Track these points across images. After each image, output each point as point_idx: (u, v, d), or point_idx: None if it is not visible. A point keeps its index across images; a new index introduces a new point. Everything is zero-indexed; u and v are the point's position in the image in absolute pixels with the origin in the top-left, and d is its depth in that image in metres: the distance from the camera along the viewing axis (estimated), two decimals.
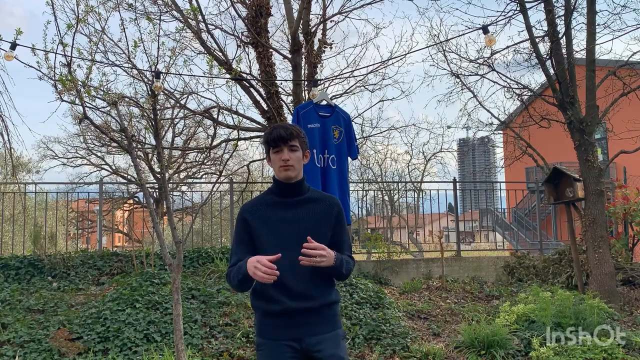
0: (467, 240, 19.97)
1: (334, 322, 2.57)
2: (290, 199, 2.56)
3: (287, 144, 2.51)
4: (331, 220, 2.58)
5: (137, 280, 6.70)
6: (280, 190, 2.57)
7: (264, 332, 2.52)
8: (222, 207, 13.89)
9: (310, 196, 2.60)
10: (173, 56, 4.84)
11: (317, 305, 2.49)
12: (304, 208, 2.55)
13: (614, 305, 6.76)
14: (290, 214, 2.53)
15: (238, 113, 8.46)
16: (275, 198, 2.58)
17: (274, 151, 2.53)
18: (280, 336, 2.47)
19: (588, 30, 7.58)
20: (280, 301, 2.45)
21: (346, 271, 2.53)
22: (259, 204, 2.59)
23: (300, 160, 2.55)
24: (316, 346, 2.47)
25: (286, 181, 2.54)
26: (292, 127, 2.58)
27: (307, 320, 2.48)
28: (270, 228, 2.51)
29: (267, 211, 2.54)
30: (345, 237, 2.63)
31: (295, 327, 2.46)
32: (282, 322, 2.47)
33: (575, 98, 7.57)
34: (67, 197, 12.86)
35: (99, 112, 4.85)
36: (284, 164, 2.50)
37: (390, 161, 22.42)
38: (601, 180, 7.47)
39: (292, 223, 2.51)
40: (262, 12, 8.38)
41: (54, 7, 4.52)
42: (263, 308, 2.52)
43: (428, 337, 6.14)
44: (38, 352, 5.14)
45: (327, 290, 2.56)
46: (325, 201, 2.62)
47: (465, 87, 9.70)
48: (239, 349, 5.44)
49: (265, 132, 2.62)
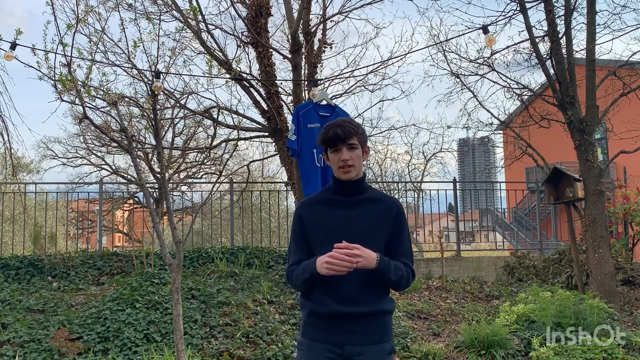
0: (467, 240, 19.96)
1: (382, 333, 2.39)
2: (348, 198, 2.45)
3: (345, 143, 2.39)
4: (389, 223, 2.43)
5: (137, 280, 6.70)
6: (338, 188, 2.46)
7: (307, 331, 2.42)
8: (222, 207, 13.88)
9: (369, 196, 2.48)
10: (173, 56, 4.85)
11: (364, 312, 2.34)
12: (360, 208, 2.43)
13: (614, 305, 6.76)
14: (346, 213, 2.42)
15: (238, 113, 8.45)
16: (332, 196, 2.48)
17: (331, 151, 2.43)
18: (321, 338, 2.36)
19: (588, 30, 7.58)
20: (326, 303, 2.34)
21: (396, 277, 2.34)
22: (316, 201, 2.51)
23: (360, 158, 2.44)
24: (358, 356, 2.33)
25: (346, 180, 2.43)
26: (349, 124, 2.45)
27: (351, 327, 2.34)
28: (324, 227, 2.40)
29: (323, 209, 2.45)
30: (403, 241, 2.47)
31: (338, 333, 2.34)
32: (326, 324, 2.36)
33: (575, 98, 7.57)
34: (67, 197, 12.88)
35: (99, 112, 4.85)
36: (343, 165, 2.39)
37: (390, 161, 22.38)
38: (601, 180, 7.47)
39: (347, 223, 2.40)
40: (262, 12, 8.37)
41: (53, 7, 4.53)
42: (309, 308, 2.41)
43: (428, 337, 6.14)
44: (38, 352, 5.14)
45: (378, 297, 2.39)
46: (384, 202, 2.48)
47: (465, 87, 9.72)
48: (239, 349, 5.44)
49: (322, 131, 2.50)
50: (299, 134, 5.12)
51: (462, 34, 9.55)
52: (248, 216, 12.89)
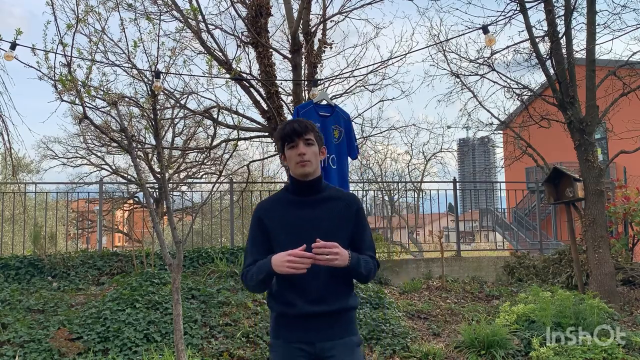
0: (467, 240, 19.96)
1: (349, 328, 2.47)
2: (308, 198, 2.46)
3: (302, 138, 2.40)
4: (351, 219, 2.47)
5: (137, 280, 6.70)
6: (297, 188, 2.46)
7: (279, 333, 2.46)
8: (222, 207, 13.88)
9: (329, 194, 2.49)
10: (173, 56, 4.85)
11: (333, 309, 2.41)
12: (322, 207, 2.45)
13: (614, 305, 6.76)
14: (308, 213, 2.43)
15: (238, 113, 8.45)
16: (291, 196, 2.48)
17: (288, 147, 2.42)
18: (294, 338, 2.41)
19: (588, 30, 7.58)
20: (296, 304, 2.38)
21: (366, 271, 2.41)
22: (275, 202, 2.50)
23: (316, 155, 2.44)
24: (329, 352, 2.39)
25: (303, 178, 2.42)
26: (306, 122, 2.48)
27: (322, 325, 2.40)
28: (287, 228, 2.41)
29: (284, 210, 2.45)
30: (366, 236, 2.52)
31: (309, 331, 2.40)
32: (297, 324, 2.41)
33: (575, 98, 7.57)
34: (67, 197, 12.88)
35: (99, 112, 4.85)
36: (300, 159, 2.38)
37: (390, 161, 22.39)
38: (601, 180, 7.47)
39: (310, 223, 2.41)
40: (262, 12, 8.37)
41: (53, 7, 4.53)
42: (279, 310, 2.45)
43: (428, 337, 6.14)
44: (38, 352, 5.14)
45: (345, 294, 2.47)
46: (344, 199, 2.51)
47: (465, 87, 9.71)
48: (239, 349, 5.44)
49: (279, 128, 2.50)
50: None
51: (462, 34, 9.56)
52: (248, 216, 12.88)
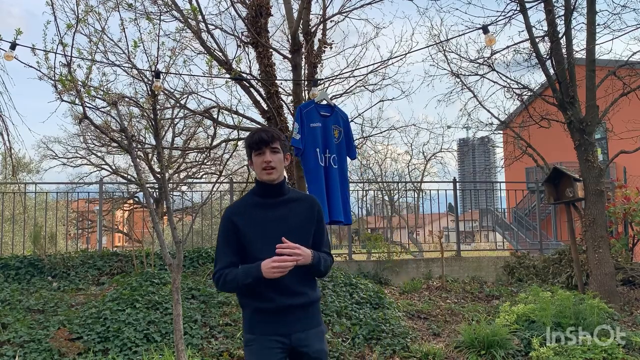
0: (467, 241, 19.95)
1: (318, 318, 2.71)
2: (274, 199, 2.66)
3: (268, 146, 2.60)
4: (313, 219, 2.70)
5: (137, 280, 6.70)
6: (263, 191, 2.67)
7: (254, 328, 2.60)
8: (222, 207, 13.88)
9: (292, 196, 2.71)
10: (173, 56, 4.85)
11: (305, 301, 2.62)
12: (287, 208, 2.66)
13: (614, 305, 6.76)
14: (276, 213, 2.64)
15: (238, 113, 8.45)
16: (259, 199, 2.67)
17: (255, 154, 2.62)
18: (270, 332, 2.57)
19: (588, 30, 7.58)
20: (271, 299, 2.54)
21: (324, 268, 2.66)
22: (244, 205, 2.68)
23: (281, 161, 2.65)
24: (304, 341, 2.59)
25: (269, 182, 2.63)
26: (273, 131, 2.68)
27: (295, 317, 2.59)
28: (258, 228, 2.59)
29: (253, 212, 2.63)
30: (324, 235, 2.76)
31: (284, 323, 2.57)
32: (273, 318, 2.57)
33: (575, 98, 7.57)
34: (67, 197, 12.86)
35: (99, 112, 4.85)
36: (266, 166, 2.59)
37: (390, 161, 22.44)
38: (601, 180, 7.47)
39: (279, 222, 2.62)
40: (262, 12, 8.37)
41: (53, 7, 4.52)
42: (254, 305, 2.59)
43: (428, 337, 6.14)
44: (38, 352, 5.14)
45: (313, 287, 2.68)
46: (306, 201, 2.74)
47: (465, 87, 9.71)
48: (239, 349, 5.44)
49: (247, 136, 2.71)
50: (303, 133, 5.11)
51: (462, 34, 9.56)
52: None
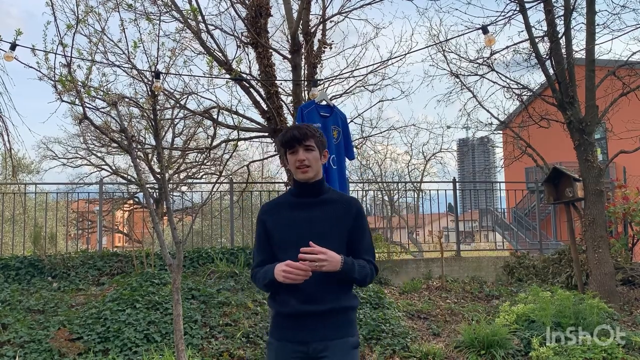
0: (466, 241, 19.96)
1: (345, 328, 2.47)
2: (308, 199, 2.54)
3: (301, 144, 2.48)
4: (349, 222, 2.50)
5: (137, 281, 6.70)
6: (298, 190, 2.56)
7: (274, 332, 2.52)
8: (222, 207, 13.89)
9: (328, 197, 2.56)
10: (173, 56, 4.86)
11: (327, 309, 2.42)
12: (320, 209, 2.51)
13: (614, 305, 6.76)
14: (306, 214, 2.50)
15: (238, 113, 8.46)
16: (293, 198, 2.57)
17: (289, 152, 2.51)
18: (288, 337, 2.45)
19: (587, 30, 7.58)
20: (289, 304, 2.43)
21: (360, 276, 2.43)
22: (278, 204, 2.61)
23: (317, 159, 2.52)
24: (323, 352, 2.40)
25: (305, 181, 2.52)
26: (306, 127, 2.55)
27: (315, 324, 2.42)
28: (285, 229, 2.49)
29: (284, 212, 2.54)
30: (364, 239, 2.54)
31: (303, 330, 2.42)
32: (291, 324, 2.44)
33: (575, 98, 7.57)
34: (67, 198, 12.87)
35: (99, 112, 4.86)
36: (300, 165, 2.48)
37: (390, 161, 22.41)
38: (601, 180, 7.47)
39: (308, 224, 2.47)
40: (262, 13, 8.37)
41: (53, 7, 4.53)
42: (275, 309, 2.51)
43: (428, 337, 6.15)
44: (38, 353, 5.14)
45: (341, 294, 2.47)
46: (343, 202, 2.56)
47: (464, 87, 9.71)
48: (239, 349, 5.45)
49: (280, 134, 2.60)
50: None
51: (461, 34, 9.54)
52: (248, 216, 12.87)
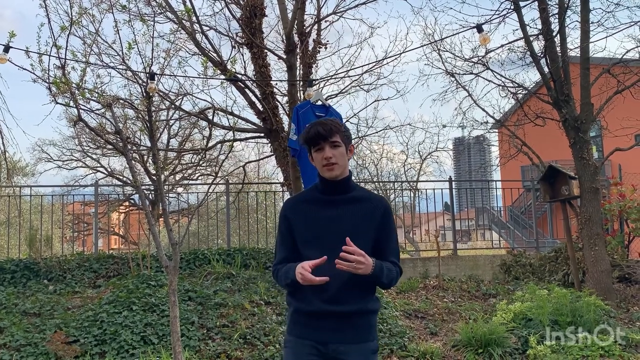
0: (463, 239, 19.98)
1: (366, 332, 2.41)
2: (334, 197, 2.44)
3: (327, 141, 2.37)
4: (375, 221, 2.43)
5: (133, 283, 6.68)
6: (324, 187, 2.45)
7: (292, 329, 2.44)
8: (218, 208, 13.85)
9: (356, 195, 2.47)
10: (167, 57, 4.85)
11: (349, 311, 2.35)
12: (347, 207, 2.42)
13: (611, 302, 6.78)
14: (333, 212, 2.41)
15: (233, 114, 8.44)
16: (318, 195, 2.46)
17: (315, 150, 2.40)
18: (306, 335, 2.38)
19: (582, 28, 7.59)
20: (312, 302, 2.35)
21: (387, 280, 2.36)
22: (302, 200, 2.51)
23: (344, 155, 2.42)
24: (341, 355, 2.35)
25: (331, 179, 2.41)
26: (331, 123, 2.44)
27: (336, 326, 2.36)
28: (311, 226, 2.40)
29: (309, 208, 2.44)
30: (391, 240, 2.48)
31: (322, 330, 2.36)
32: (311, 322, 2.37)
33: (570, 96, 7.59)
34: (62, 200, 12.81)
35: (94, 114, 4.84)
36: (326, 163, 2.37)
37: (386, 161, 22.36)
38: (596, 177, 7.49)
39: (334, 222, 2.39)
40: (257, 13, 8.35)
41: (47, 9, 4.51)
42: (295, 306, 2.43)
43: (425, 336, 6.15)
44: (35, 356, 5.12)
45: (364, 297, 2.40)
46: (371, 201, 2.47)
47: (460, 86, 9.73)
48: (236, 350, 5.43)
49: (304, 130, 2.48)
50: (299, 133, 5.12)
51: (456, 33, 9.59)
52: (244, 217, 12.88)
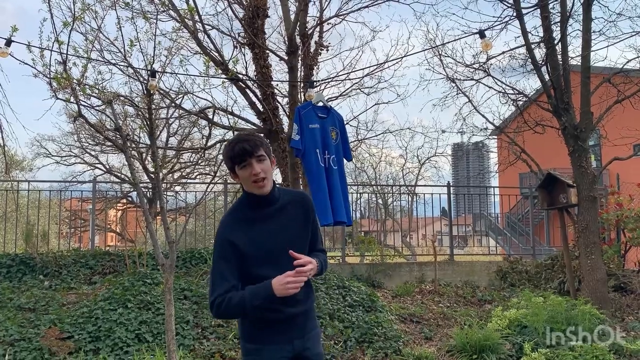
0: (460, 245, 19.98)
1: (315, 321, 2.65)
2: (268, 210, 2.45)
3: (253, 156, 2.32)
4: (308, 220, 2.55)
5: (129, 280, 6.67)
6: (255, 203, 2.44)
7: (259, 338, 2.46)
8: (216, 208, 13.84)
9: (283, 201, 2.49)
10: (169, 56, 4.85)
11: (307, 308, 2.55)
12: (282, 216, 2.46)
13: (606, 311, 6.77)
14: (274, 225, 2.44)
15: (233, 114, 8.45)
16: (250, 212, 2.44)
17: (240, 167, 2.35)
18: (277, 341, 2.46)
19: (583, 37, 7.61)
20: (279, 310, 2.40)
21: (324, 270, 2.61)
22: (238, 222, 2.44)
23: (270, 169, 2.40)
24: (305, 344, 2.51)
25: (262, 195, 2.41)
26: (254, 137, 2.43)
27: (299, 323, 2.51)
28: (259, 244, 2.40)
29: (250, 228, 2.41)
30: (318, 231, 2.66)
31: (289, 331, 2.48)
32: (279, 327, 2.45)
33: (570, 104, 7.59)
34: (60, 196, 12.79)
35: (94, 110, 4.84)
36: (256, 179, 2.34)
37: (384, 164, 22.40)
38: (594, 186, 7.49)
39: (278, 234, 2.43)
40: (259, 14, 8.36)
41: (50, 4, 4.51)
42: (264, 318, 2.42)
43: (420, 340, 6.15)
44: (28, 351, 5.11)
45: (310, 292, 2.61)
46: (297, 201, 2.54)
47: (460, 91, 9.72)
48: (231, 350, 5.43)
49: (227, 147, 2.41)
50: (302, 134, 5.11)
51: (458, 39, 9.61)
52: None
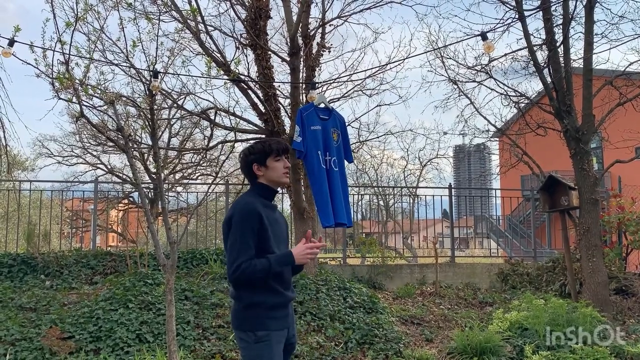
0: (461, 247, 19.96)
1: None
2: (272, 202, 2.94)
3: (287, 153, 2.91)
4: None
5: (130, 280, 6.67)
6: (269, 194, 2.90)
7: (270, 324, 2.66)
8: (217, 208, 13.85)
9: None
10: (171, 56, 4.86)
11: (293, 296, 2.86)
12: (276, 210, 2.96)
13: (607, 314, 6.76)
14: (276, 216, 2.89)
15: (235, 115, 8.44)
16: (265, 201, 2.87)
17: (275, 159, 2.84)
18: (282, 325, 2.72)
19: (586, 39, 7.61)
20: (283, 294, 2.72)
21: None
22: (261, 204, 2.81)
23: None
24: (290, 331, 2.81)
25: (279, 187, 2.96)
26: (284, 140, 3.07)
27: (290, 312, 2.83)
28: (273, 227, 2.78)
29: (268, 212, 2.80)
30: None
31: (287, 317, 2.78)
32: (282, 313, 2.73)
33: (572, 107, 7.59)
34: (61, 196, 12.81)
35: (96, 110, 4.85)
36: (286, 171, 2.87)
37: (386, 166, 22.35)
38: (596, 189, 7.49)
39: (280, 224, 2.89)
40: (262, 15, 8.36)
41: (52, 4, 4.52)
42: (269, 302, 2.67)
43: (421, 342, 6.14)
44: (29, 351, 5.11)
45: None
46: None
47: (462, 93, 9.73)
48: (232, 350, 5.43)
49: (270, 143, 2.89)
50: (304, 135, 5.10)
51: (460, 41, 9.54)
52: None
